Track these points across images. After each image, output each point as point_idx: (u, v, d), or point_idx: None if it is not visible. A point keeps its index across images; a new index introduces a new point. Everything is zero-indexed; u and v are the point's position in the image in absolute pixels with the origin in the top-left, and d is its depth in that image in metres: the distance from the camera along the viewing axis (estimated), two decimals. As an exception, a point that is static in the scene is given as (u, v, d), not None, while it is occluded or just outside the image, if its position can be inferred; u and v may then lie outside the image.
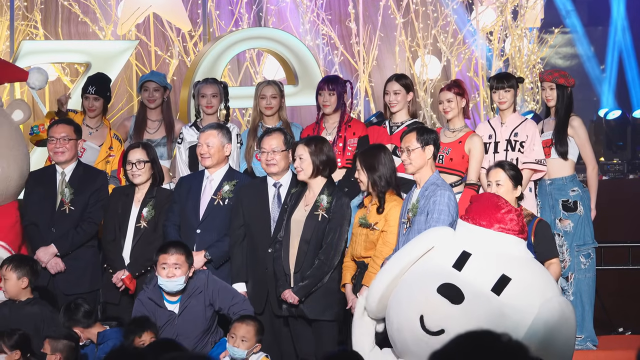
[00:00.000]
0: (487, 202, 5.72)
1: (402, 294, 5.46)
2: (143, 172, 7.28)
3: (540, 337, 5.24)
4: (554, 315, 5.31)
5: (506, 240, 5.59)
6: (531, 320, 5.26)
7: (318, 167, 6.75)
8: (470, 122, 11.48)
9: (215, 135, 7.22)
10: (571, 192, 7.84)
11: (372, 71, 12.70)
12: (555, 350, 5.31)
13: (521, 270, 5.48)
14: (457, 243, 5.58)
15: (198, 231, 7.16)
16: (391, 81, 7.97)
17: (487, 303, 5.28)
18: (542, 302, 5.33)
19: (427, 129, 6.91)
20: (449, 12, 12.81)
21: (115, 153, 8.16)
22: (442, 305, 5.24)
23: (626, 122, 12.90)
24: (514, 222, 5.62)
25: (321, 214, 6.72)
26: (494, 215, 5.61)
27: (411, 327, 5.30)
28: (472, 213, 5.68)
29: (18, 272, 6.92)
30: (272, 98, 8.09)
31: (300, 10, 12.59)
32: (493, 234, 5.58)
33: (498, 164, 6.89)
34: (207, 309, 6.67)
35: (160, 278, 6.59)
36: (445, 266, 5.47)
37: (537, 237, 6.64)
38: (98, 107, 8.28)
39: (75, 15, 12.00)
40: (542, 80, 8.09)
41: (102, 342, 6.59)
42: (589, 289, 7.84)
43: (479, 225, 5.61)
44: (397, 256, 5.72)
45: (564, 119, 7.89)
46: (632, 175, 11.26)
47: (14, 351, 6.33)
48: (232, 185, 7.21)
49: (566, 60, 14.57)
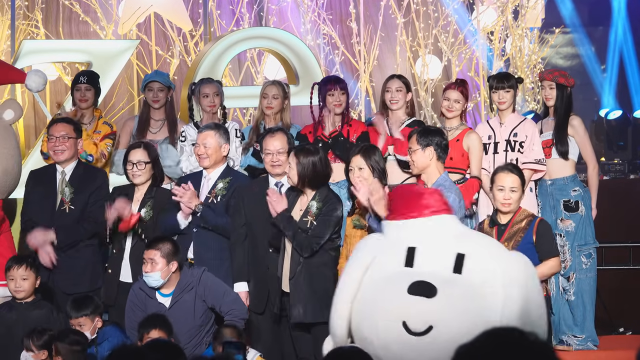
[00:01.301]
0: (407, 194, 5.57)
1: (372, 310, 5.27)
2: (143, 172, 7.29)
3: (518, 295, 5.17)
4: (520, 270, 5.26)
5: (442, 221, 5.45)
6: (501, 283, 5.20)
7: (304, 179, 6.71)
8: (471, 122, 11.48)
9: (212, 135, 7.23)
10: (572, 192, 7.83)
11: (373, 71, 12.70)
12: (535, 302, 5.26)
13: (469, 243, 5.37)
14: (397, 243, 5.41)
15: (194, 230, 7.18)
16: (392, 79, 7.98)
17: (459, 284, 5.22)
18: (502, 264, 5.25)
19: (430, 130, 6.88)
20: (450, 11, 12.80)
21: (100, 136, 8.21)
22: (420, 303, 5.12)
23: (627, 122, 12.89)
24: (441, 201, 5.50)
25: (310, 220, 6.70)
26: (420, 202, 5.46)
27: (396, 337, 5.14)
28: (398, 209, 5.52)
29: (35, 272, 6.93)
30: (274, 98, 8.10)
31: (301, 10, 12.59)
32: (427, 220, 5.42)
33: (508, 169, 6.77)
34: (199, 305, 6.68)
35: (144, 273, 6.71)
36: (398, 268, 5.33)
37: (538, 236, 6.61)
38: (90, 97, 8.30)
39: (76, 15, 11.99)
40: (542, 79, 8.08)
41: (101, 341, 6.59)
42: (590, 289, 7.84)
43: (410, 218, 5.45)
44: (342, 281, 5.50)
45: (563, 119, 7.89)
46: (633, 175, 11.26)
47: (42, 351, 6.35)
48: (225, 183, 7.23)
49: (567, 60, 14.56)
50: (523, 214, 6.69)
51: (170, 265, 6.68)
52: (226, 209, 7.19)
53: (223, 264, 7.18)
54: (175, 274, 6.75)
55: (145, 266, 6.70)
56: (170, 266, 6.68)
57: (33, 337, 6.38)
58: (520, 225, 6.63)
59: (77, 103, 8.32)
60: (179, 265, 6.76)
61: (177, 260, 6.72)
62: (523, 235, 6.59)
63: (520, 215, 6.68)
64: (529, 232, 6.59)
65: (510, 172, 6.70)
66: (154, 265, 6.67)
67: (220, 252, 7.21)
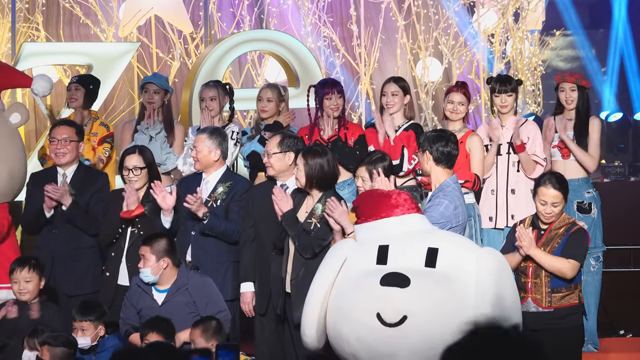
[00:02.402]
0: (374, 197, 5.61)
1: (347, 306, 5.26)
2: (140, 177, 7.28)
3: (490, 280, 5.18)
4: (494, 264, 5.27)
5: (412, 220, 5.49)
6: (475, 277, 5.19)
7: (311, 179, 6.70)
8: (472, 125, 11.48)
9: (202, 140, 7.26)
10: (586, 193, 7.87)
11: (374, 73, 12.69)
12: (508, 295, 5.26)
13: (441, 239, 5.40)
14: (368, 244, 5.42)
15: (193, 233, 7.18)
16: (389, 83, 7.97)
17: (432, 275, 5.21)
18: (474, 255, 5.26)
19: (431, 136, 6.72)
20: (451, 14, 12.79)
21: (97, 138, 8.23)
22: (394, 293, 5.11)
23: (627, 124, 12.90)
24: (410, 201, 5.54)
25: (314, 223, 6.70)
26: (388, 203, 5.50)
27: (371, 330, 5.12)
28: (368, 212, 5.54)
29: (38, 273, 6.93)
30: (268, 101, 8.19)
31: (301, 12, 12.59)
32: (397, 219, 5.46)
33: (552, 184, 6.54)
34: (189, 307, 6.66)
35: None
36: (370, 267, 5.33)
37: (569, 240, 6.49)
38: (80, 97, 8.32)
39: (76, 18, 11.99)
40: (562, 80, 8.04)
41: (101, 350, 6.59)
42: (595, 291, 7.85)
43: (380, 218, 5.49)
44: (315, 283, 5.52)
45: (584, 120, 7.93)
46: (634, 177, 11.26)
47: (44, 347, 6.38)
48: (226, 187, 7.24)
49: (567, 62, 14.56)
50: (563, 220, 6.58)
51: (161, 261, 6.67)
52: (226, 214, 7.19)
53: (221, 267, 7.18)
54: (170, 271, 6.73)
55: (140, 262, 6.74)
56: (162, 262, 6.67)
57: (34, 336, 6.38)
58: (559, 231, 6.55)
59: (69, 103, 8.39)
60: (173, 263, 6.74)
61: (169, 257, 6.70)
62: (560, 242, 6.51)
63: (561, 222, 6.57)
64: (565, 238, 6.51)
65: (553, 187, 6.54)
66: (146, 261, 6.69)
67: (219, 255, 7.21)
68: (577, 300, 6.52)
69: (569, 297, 6.49)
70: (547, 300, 6.46)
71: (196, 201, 7.02)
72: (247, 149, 8.10)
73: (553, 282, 6.46)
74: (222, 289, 7.00)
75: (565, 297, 6.48)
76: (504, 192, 7.88)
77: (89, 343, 6.58)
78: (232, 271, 7.23)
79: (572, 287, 6.50)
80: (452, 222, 6.31)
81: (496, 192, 7.89)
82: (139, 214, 7.18)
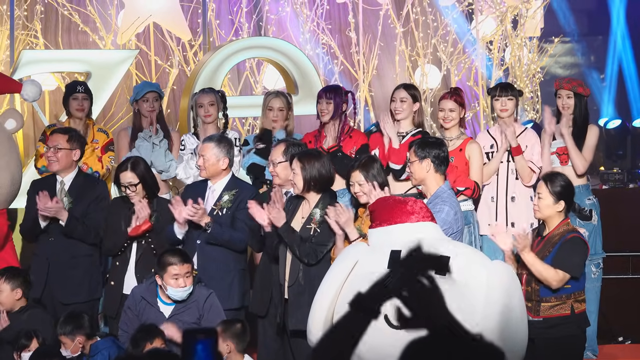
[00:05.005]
0: (390, 203, 5.59)
1: None
2: (136, 192, 7.24)
3: (500, 300, 5.16)
4: (504, 276, 5.26)
5: (426, 228, 5.47)
6: (485, 287, 5.18)
7: (309, 182, 6.69)
8: (470, 132, 11.47)
9: (210, 148, 7.21)
10: (587, 200, 7.88)
11: (372, 80, 12.69)
12: (517, 308, 5.25)
13: (454, 248, 5.36)
14: (381, 248, 5.39)
15: (198, 242, 7.16)
16: (399, 89, 7.95)
17: (441, 280, 5.20)
18: (486, 270, 5.25)
19: (429, 142, 6.78)
20: (449, 21, 12.80)
21: (99, 145, 8.24)
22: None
23: (626, 131, 12.89)
24: (425, 209, 5.52)
25: (313, 228, 6.69)
26: (404, 209, 5.48)
27: (377, 331, 5.15)
28: (382, 217, 5.52)
29: (12, 284, 6.92)
30: (279, 111, 8.20)
31: (300, 19, 12.59)
32: (412, 226, 5.45)
33: (549, 178, 6.55)
34: (196, 321, 6.63)
35: (170, 288, 6.56)
36: (381, 270, 5.34)
37: (560, 249, 6.33)
38: (87, 107, 8.34)
39: (75, 25, 11.99)
40: (560, 87, 8.04)
41: (93, 354, 6.57)
42: (595, 298, 7.86)
43: (395, 224, 5.46)
44: (324, 284, 5.49)
45: (582, 128, 7.93)
46: (632, 184, 11.23)
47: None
48: (231, 195, 7.21)
49: (566, 69, 14.57)
50: (562, 227, 6.41)
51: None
52: (231, 222, 7.18)
53: (227, 275, 7.16)
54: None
55: (182, 281, 6.55)
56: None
57: (21, 341, 6.41)
58: (554, 239, 6.38)
59: (73, 112, 8.33)
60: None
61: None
62: (552, 249, 6.34)
63: (559, 228, 6.40)
64: (557, 246, 6.34)
65: (542, 180, 6.54)
66: (187, 279, 6.60)
67: (225, 263, 7.18)
68: (569, 311, 6.29)
69: (559, 307, 6.28)
70: (536, 310, 6.29)
71: (198, 211, 7.00)
72: (245, 162, 8.09)
73: (542, 292, 6.29)
74: (228, 297, 7.01)
75: (555, 307, 6.28)
76: (503, 200, 7.88)
77: (70, 354, 6.56)
78: (238, 279, 7.21)
79: (564, 298, 6.29)
80: (453, 227, 6.32)
81: (496, 200, 7.89)
82: (147, 229, 7.16)
